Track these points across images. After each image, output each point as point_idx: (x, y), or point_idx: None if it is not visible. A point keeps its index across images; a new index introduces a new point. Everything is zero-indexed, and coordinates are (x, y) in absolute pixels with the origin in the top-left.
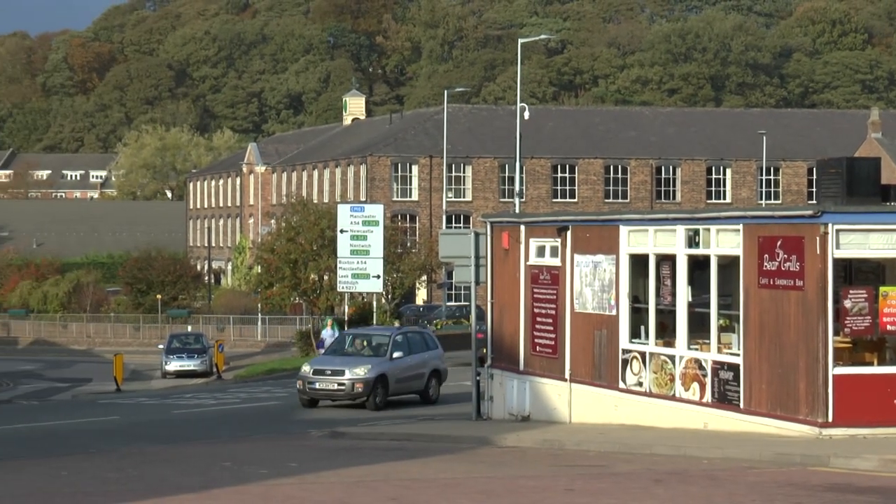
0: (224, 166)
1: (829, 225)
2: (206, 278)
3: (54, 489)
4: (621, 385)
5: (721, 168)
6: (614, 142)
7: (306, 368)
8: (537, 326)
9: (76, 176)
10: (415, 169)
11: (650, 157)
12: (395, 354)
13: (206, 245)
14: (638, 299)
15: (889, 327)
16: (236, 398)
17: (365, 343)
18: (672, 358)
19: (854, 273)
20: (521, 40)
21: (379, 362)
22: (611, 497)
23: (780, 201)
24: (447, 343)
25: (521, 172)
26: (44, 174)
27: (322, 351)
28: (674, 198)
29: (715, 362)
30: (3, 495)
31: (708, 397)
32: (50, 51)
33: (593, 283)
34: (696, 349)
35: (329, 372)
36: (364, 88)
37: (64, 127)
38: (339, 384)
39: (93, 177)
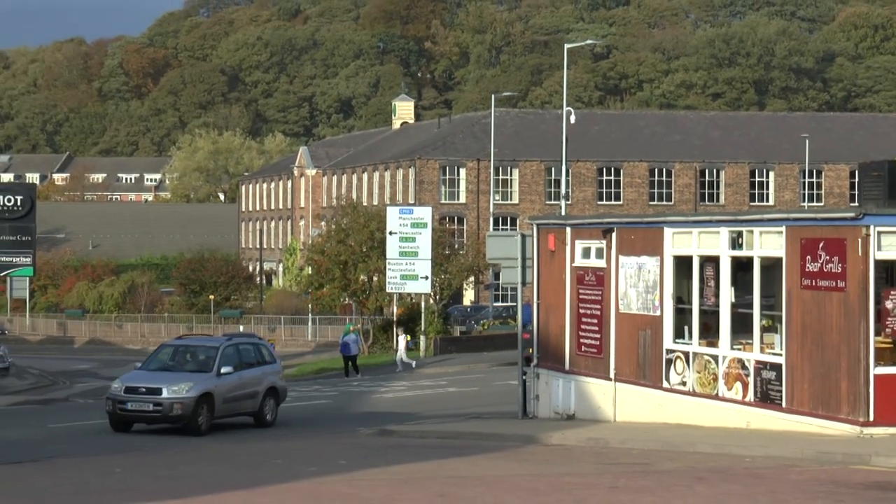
0: (275, 169)
1: (871, 227)
2: (258, 279)
3: (108, 486)
4: (665, 384)
5: (764, 171)
6: (659, 145)
7: (116, 385)
8: (583, 327)
9: (131, 179)
10: (462, 172)
11: (694, 160)
12: (224, 369)
13: (258, 247)
14: (682, 300)
15: None
16: (287, 397)
17: (188, 356)
18: (715, 358)
19: (895, 275)
20: (567, 45)
21: (204, 379)
22: (654, 494)
23: (822, 204)
24: (494, 343)
25: (566, 175)
26: (99, 177)
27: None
28: (717, 200)
29: (758, 362)
30: (60, 493)
31: (750, 396)
32: (106, 56)
33: (638, 284)
34: (739, 349)
35: (143, 390)
36: (413, 93)
37: (119, 131)
38: (156, 405)
39: (147, 180)
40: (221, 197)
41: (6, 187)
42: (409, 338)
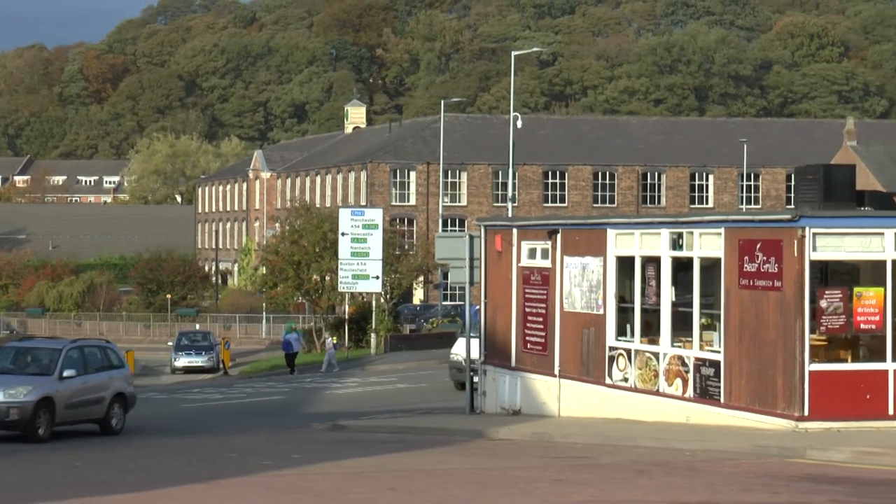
0: (231, 172)
1: (807, 228)
2: (214, 279)
3: (71, 480)
4: (608, 381)
5: (704, 174)
6: (602, 149)
7: None
8: (528, 325)
9: (90, 181)
10: (412, 175)
11: (636, 163)
12: (67, 373)
13: (214, 247)
14: (624, 299)
15: (862, 326)
16: (241, 393)
17: (29, 358)
18: (656, 355)
19: (830, 274)
20: (514, 53)
21: (44, 382)
22: (596, 487)
23: (759, 206)
24: (443, 340)
25: (513, 178)
26: (59, 180)
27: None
28: (659, 203)
29: (697, 359)
30: (21, 486)
31: (690, 392)
32: (66, 62)
33: (582, 283)
34: (679, 346)
35: None
36: (365, 98)
37: (79, 135)
38: None
39: (106, 182)
40: (178, 199)
41: None
42: (335, 339)
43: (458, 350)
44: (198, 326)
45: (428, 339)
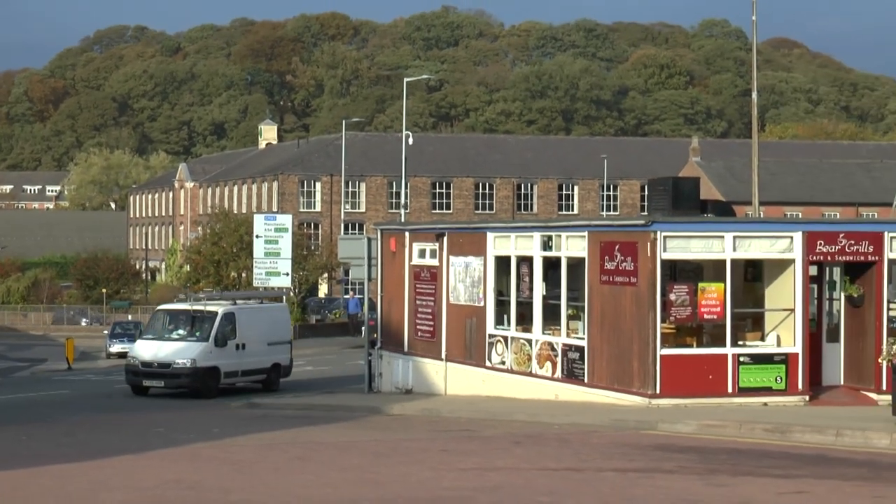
0: (159, 183)
1: (658, 232)
2: (144, 275)
3: (16, 452)
4: (488, 364)
5: (570, 185)
6: (482, 164)
7: None
8: (419, 315)
9: (35, 190)
10: (318, 185)
11: (512, 176)
12: None
13: (144, 248)
14: (501, 293)
15: (706, 316)
16: None
17: None
18: (529, 341)
19: (678, 272)
20: (406, 79)
21: None
22: (479, 456)
23: (618, 213)
24: (345, 329)
25: (405, 188)
26: (7, 188)
27: (110, 349)
28: (531, 210)
29: (564, 345)
30: None
31: (559, 374)
32: (13, 85)
33: (465, 279)
34: (549, 334)
35: None
36: (276, 118)
37: (24, 149)
38: None
39: (49, 191)
40: (113, 206)
41: None
42: None
43: (139, 351)
44: (130, 317)
45: (331, 327)
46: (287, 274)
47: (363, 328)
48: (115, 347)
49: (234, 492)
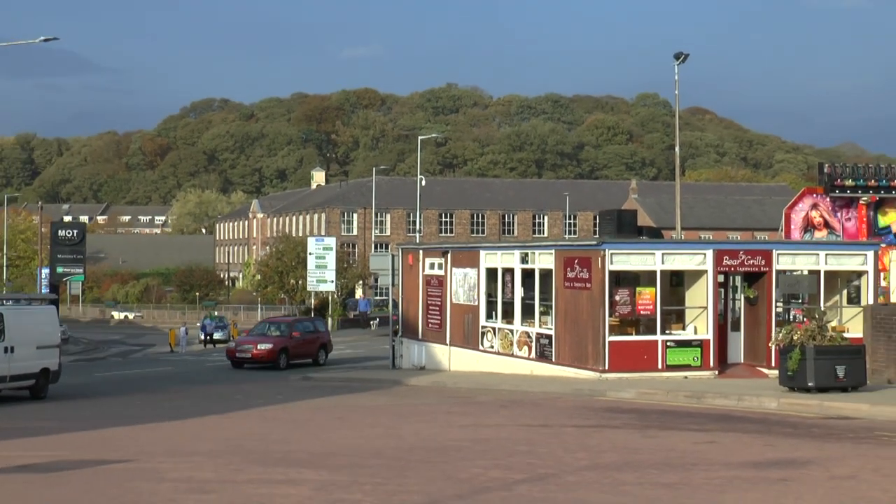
0: (238, 214)
1: (606, 250)
2: (227, 283)
3: (131, 413)
4: (481, 347)
5: (541, 216)
6: (477, 200)
7: None
8: (430, 312)
9: (146, 220)
10: (355, 216)
11: (498, 209)
12: None
13: (227, 262)
14: (491, 295)
15: (642, 312)
16: None
17: None
18: (511, 331)
19: (621, 279)
20: (420, 137)
21: None
22: (475, 416)
23: (577, 236)
24: (375, 322)
25: (420, 218)
26: (126, 218)
27: (202, 336)
28: (513, 234)
29: (538, 333)
30: (95, 417)
31: (533, 355)
32: (131, 143)
33: (464, 285)
34: (526, 326)
35: None
36: (324, 166)
37: (139, 190)
38: None
39: (157, 220)
40: (203, 231)
41: (67, 225)
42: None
43: None
44: (216, 313)
45: (365, 321)
46: (332, 281)
47: (372, 322)
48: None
49: (291, 442)
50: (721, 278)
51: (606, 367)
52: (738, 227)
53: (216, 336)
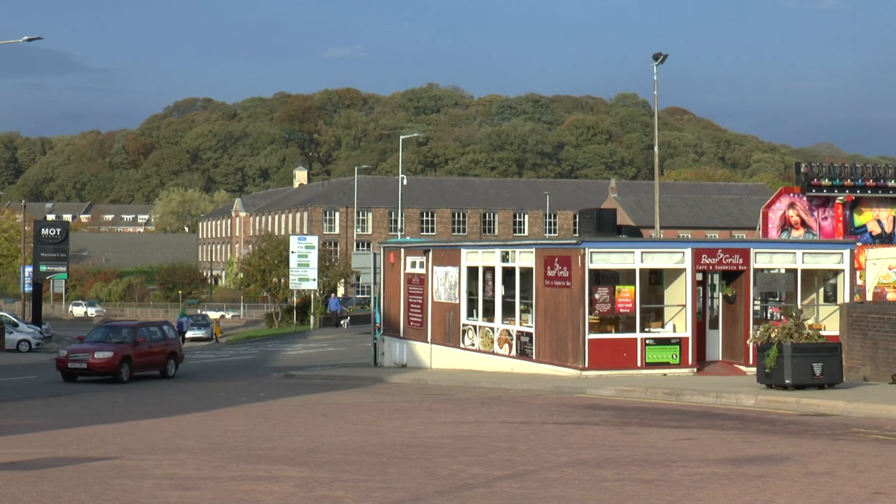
0: (221, 213)
1: (586, 249)
2: (209, 280)
3: (113, 411)
4: (462, 345)
5: (522, 214)
6: (457, 198)
7: None
8: (411, 310)
9: (129, 218)
10: (337, 214)
11: (479, 207)
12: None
13: (209, 260)
14: (472, 293)
15: (621, 310)
16: (227, 354)
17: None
18: (492, 329)
19: (601, 277)
20: (401, 137)
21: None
22: (455, 413)
23: (557, 234)
24: (357, 320)
25: (401, 217)
26: (109, 217)
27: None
28: (494, 232)
29: (518, 331)
30: (79, 413)
31: (514, 352)
32: (114, 142)
33: (445, 283)
34: (507, 323)
35: None
36: (306, 165)
37: (122, 188)
38: None
39: (140, 219)
40: (186, 229)
41: (50, 224)
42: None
43: None
44: (199, 311)
45: (336, 320)
46: (314, 279)
47: (343, 322)
48: (189, 334)
49: (274, 439)
50: (700, 277)
51: (586, 365)
52: (717, 225)
53: (191, 334)
